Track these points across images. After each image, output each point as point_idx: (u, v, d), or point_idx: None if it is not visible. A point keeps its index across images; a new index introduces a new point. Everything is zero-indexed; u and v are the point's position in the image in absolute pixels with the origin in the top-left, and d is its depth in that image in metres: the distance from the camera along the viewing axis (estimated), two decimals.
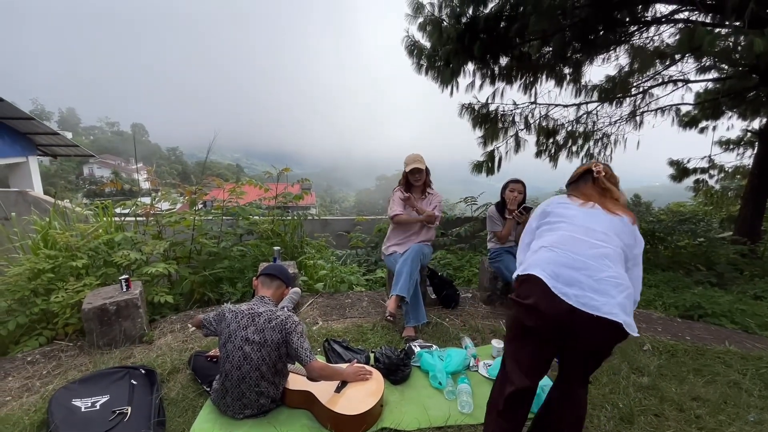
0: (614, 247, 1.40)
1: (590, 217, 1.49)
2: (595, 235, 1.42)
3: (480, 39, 5.11)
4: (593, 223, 1.46)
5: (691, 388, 2.22)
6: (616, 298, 1.28)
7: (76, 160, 34.88)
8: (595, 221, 1.47)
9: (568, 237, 1.45)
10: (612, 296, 1.29)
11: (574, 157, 6.37)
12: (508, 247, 3.23)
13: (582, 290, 1.30)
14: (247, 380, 1.82)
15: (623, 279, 1.34)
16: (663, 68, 5.86)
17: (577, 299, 1.28)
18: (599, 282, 1.31)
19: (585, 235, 1.43)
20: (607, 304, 1.27)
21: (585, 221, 1.47)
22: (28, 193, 5.37)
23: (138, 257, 3.06)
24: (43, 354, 2.56)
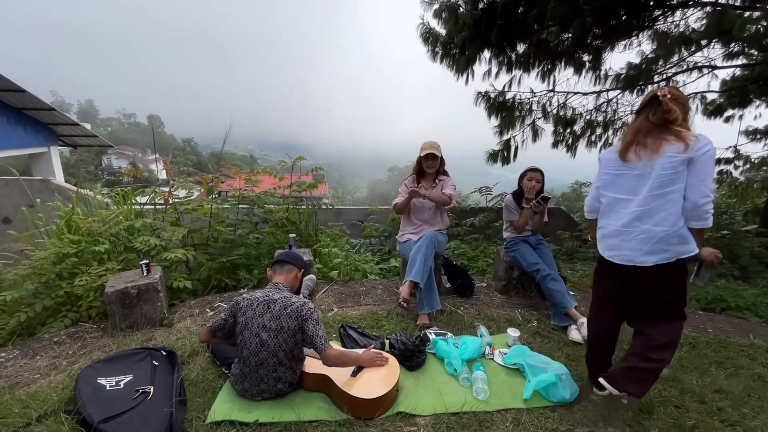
0: (643, 205, 1.69)
1: (617, 183, 1.80)
2: (623, 204, 1.77)
3: (497, 25, 5.01)
4: (620, 191, 1.78)
5: (713, 380, 2.17)
6: (642, 249, 1.67)
7: (95, 151, 35.66)
8: (621, 185, 1.78)
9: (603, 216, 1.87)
10: (639, 249, 1.68)
11: (592, 146, 6.22)
12: (524, 236, 3.19)
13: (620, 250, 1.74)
14: (264, 366, 1.85)
15: (652, 228, 1.66)
16: (688, 54, 5.63)
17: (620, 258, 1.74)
18: (630, 241, 1.71)
19: (616, 206, 1.80)
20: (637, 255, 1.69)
21: (614, 189, 1.81)
22: (51, 181, 5.52)
23: (157, 243, 3.13)
24: (68, 335, 2.65)
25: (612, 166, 1.81)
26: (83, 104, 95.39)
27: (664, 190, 1.63)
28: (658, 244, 1.64)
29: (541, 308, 3.06)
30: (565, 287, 2.84)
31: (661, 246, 1.64)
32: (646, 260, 1.66)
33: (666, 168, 1.62)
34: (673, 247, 1.63)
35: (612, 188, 1.81)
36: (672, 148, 1.61)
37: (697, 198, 1.59)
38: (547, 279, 2.84)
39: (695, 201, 1.59)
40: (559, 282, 2.83)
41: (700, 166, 1.58)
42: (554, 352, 2.42)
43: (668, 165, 1.61)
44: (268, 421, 1.78)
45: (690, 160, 1.59)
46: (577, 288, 3.66)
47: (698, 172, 1.59)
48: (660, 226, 1.64)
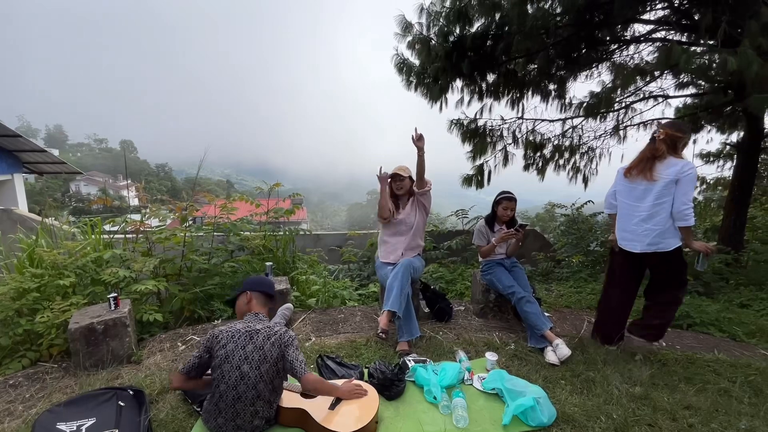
0: (646, 211, 2.47)
1: (627, 194, 2.60)
2: (633, 209, 2.55)
3: (468, 57, 5.26)
4: (630, 198, 2.58)
5: (682, 397, 2.24)
6: (645, 241, 2.49)
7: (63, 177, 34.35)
8: (629, 196, 2.58)
9: (619, 217, 2.68)
10: (643, 242, 2.50)
11: (561, 170, 6.49)
12: (498, 259, 3.26)
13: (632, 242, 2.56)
14: (243, 400, 1.77)
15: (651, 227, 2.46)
16: (644, 84, 6.06)
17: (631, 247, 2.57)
18: (638, 236, 2.53)
19: (628, 210, 2.59)
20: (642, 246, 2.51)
21: (624, 198, 2.62)
22: (13, 211, 5.27)
23: (127, 275, 3.01)
24: (26, 376, 2.48)
25: (623, 180, 2.62)
26: (51, 129, 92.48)
27: (661, 200, 2.41)
28: (656, 238, 2.45)
29: (518, 330, 3.11)
30: (540, 309, 2.91)
31: (657, 239, 2.44)
32: (648, 249, 2.48)
33: (662, 185, 2.39)
34: (665, 240, 2.43)
35: (626, 197, 2.60)
36: (666, 171, 2.38)
37: (679, 205, 2.35)
38: (522, 301, 2.89)
39: (678, 207, 2.36)
40: (534, 304, 2.89)
41: (683, 184, 2.35)
42: (532, 375, 2.44)
43: (663, 183, 2.39)
44: None
45: (678, 180, 2.35)
46: (553, 309, 3.74)
47: (682, 187, 2.35)
48: (657, 225, 2.43)
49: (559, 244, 6.12)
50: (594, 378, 2.40)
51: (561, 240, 6.07)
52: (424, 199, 3.17)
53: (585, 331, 3.17)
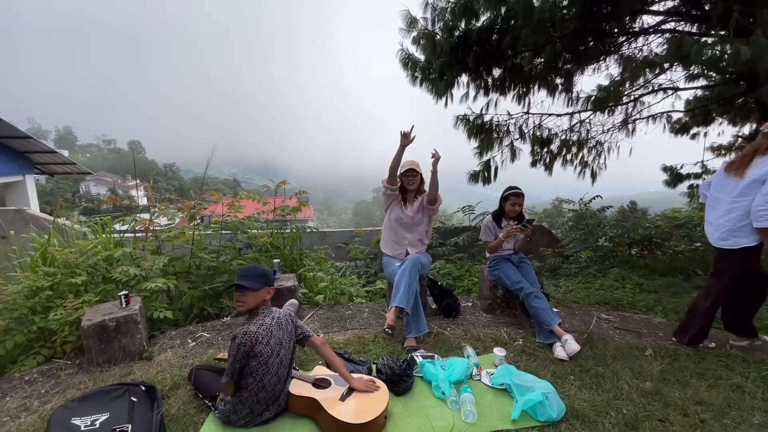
0: (726, 206, 2.50)
1: (719, 187, 2.60)
2: (718, 202, 2.58)
3: (473, 51, 5.22)
4: (720, 192, 2.58)
5: (694, 392, 2.22)
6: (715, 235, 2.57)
7: (73, 177, 34.83)
8: (721, 189, 2.58)
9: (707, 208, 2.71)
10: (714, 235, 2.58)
11: (568, 165, 6.44)
12: (506, 255, 3.25)
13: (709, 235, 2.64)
14: (281, 381, 1.96)
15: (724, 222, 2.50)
16: (653, 77, 5.97)
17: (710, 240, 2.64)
18: (715, 229, 2.58)
19: (714, 203, 2.62)
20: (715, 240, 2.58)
21: (715, 190, 2.63)
22: (25, 211, 5.36)
23: (137, 273, 3.05)
24: (41, 373, 2.53)
25: (721, 173, 2.60)
26: (61, 131, 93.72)
27: (742, 198, 2.40)
28: (725, 233, 2.49)
29: (527, 326, 3.09)
30: (549, 304, 2.89)
31: (727, 235, 2.49)
32: (717, 244, 2.56)
33: (746, 183, 2.39)
34: (734, 237, 2.46)
35: (718, 189, 2.61)
36: (756, 170, 2.36)
37: (756, 204, 2.32)
38: (530, 297, 2.88)
39: (755, 206, 2.32)
40: (542, 299, 2.87)
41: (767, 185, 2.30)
42: (540, 371, 2.43)
43: (748, 181, 2.38)
44: None
45: (765, 180, 2.30)
46: (561, 304, 3.71)
47: (766, 187, 2.29)
48: (730, 222, 2.46)
49: (567, 239, 6.07)
50: (603, 373, 2.38)
51: (569, 235, 6.02)
52: (432, 212, 3.18)
53: (594, 327, 3.14)
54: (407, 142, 2.91)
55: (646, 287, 4.29)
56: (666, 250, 5.32)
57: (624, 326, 3.22)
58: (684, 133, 6.72)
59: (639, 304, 3.78)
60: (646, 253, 5.35)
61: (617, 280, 4.46)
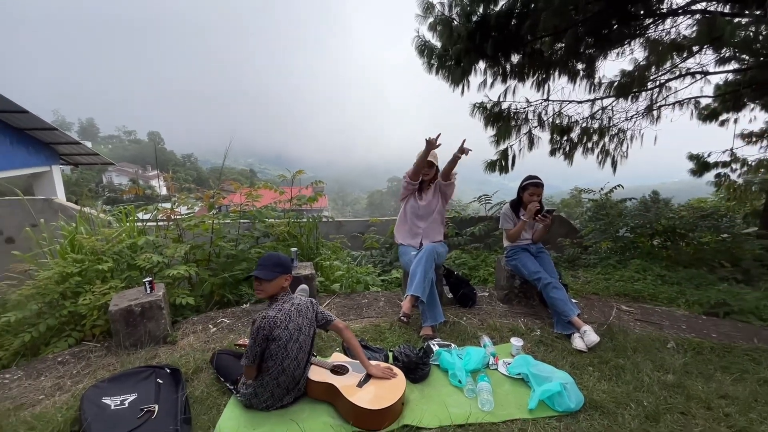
0: None
1: None
2: None
3: (491, 37, 5.09)
4: None
5: (718, 386, 2.17)
6: None
7: (95, 168, 35.86)
8: None
9: None
10: None
11: (589, 153, 6.27)
12: (524, 245, 3.21)
13: None
14: (300, 366, 2.00)
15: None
16: (680, 61, 5.72)
17: None
18: None
19: None
20: None
21: None
22: (53, 200, 5.55)
23: (160, 260, 3.14)
24: (72, 354, 2.65)
25: None
26: (84, 122, 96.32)
27: None
28: None
29: (544, 317, 3.06)
30: (567, 295, 2.85)
31: None
32: None
33: None
34: None
35: None
36: None
37: None
38: (548, 287, 2.84)
39: None
40: (561, 290, 2.83)
41: None
42: (558, 361, 2.41)
43: None
44: None
45: None
46: (579, 295, 3.66)
47: None
48: None
49: (586, 230, 5.95)
50: (624, 365, 2.35)
51: (588, 226, 5.90)
52: (447, 188, 3.14)
53: (614, 318, 3.09)
54: (432, 148, 2.92)
55: (668, 279, 4.18)
56: (690, 241, 5.16)
57: (645, 318, 3.16)
58: (712, 120, 6.44)
59: (661, 296, 3.69)
60: (669, 244, 5.20)
61: (638, 271, 4.36)
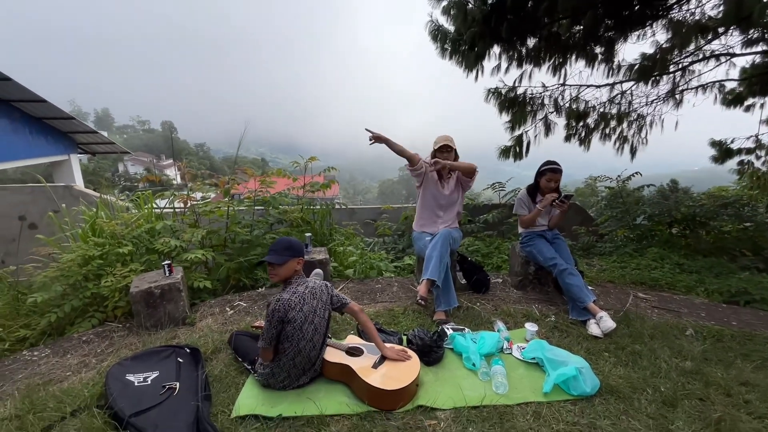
0: None
1: None
2: None
3: (507, 20, 4.96)
4: None
5: (739, 373, 2.13)
6: None
7: (111, 157, 36.53)
8: None
9: None
10: None
11: (606, 140, 6.12)
12: (540, 231, 3.17)
13: None
14: (316, 347, 2.03)
15: None
16: (705, 43, 5.49)
17: None
18: None
19: None
20: None
21: None
22: (73, 187, 5.68)
23: (177, 244, 3.20)
24: (96, 334, 2.74)
25: None
26: (99, 113, 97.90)
27: None
28: None
29: (559, 303, 3.04)
30: (583, 281, 2.82)
31: None
32: None
33: None
34: None
35: None
36: None
37: None
38: (564, 273, 2.82)
39: None
40: (577, 276, 2.81)
41: None
42: (573, 347, 2.40)
43: None
44: (291, 415, 1.82)
45: None
46: (594, 283, 3.62)
47: None
48: None
49: (602, 218, 5.85)
50: (640, 351, 2.33)
51: (604, 214, 5.80)
52: (468, 184, 3.19)
53: (631, 305, 3.05)
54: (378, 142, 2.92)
55: (686, 267, 4.10)
56: (711, 229, 5.04)
57: (663, 306, 3.11)
58: (737, 105, 6.19)
59: (679, 284, 3.62)
60: (688, 233, 5.09)
61: (655, 259, 4.28)
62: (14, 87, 6.35)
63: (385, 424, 1.76)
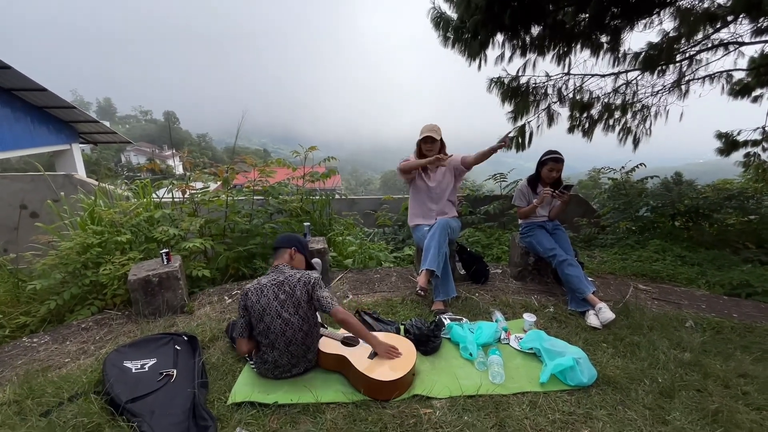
0: None
1: None
2: None
3: (511, 7, 4.88)
4: None
5: (738, 365, 2.12)
6: None
7: (114, 148, 36.55)
8: None
9: None
10: None
11: (610, 131, 6.04)
12: (540, 221, 3.14)
13: None
14: (294, 342, 1.94)
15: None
16: (713, 31, 5.38)
17: None
18: None
19: None
20: None
21: None
22: (73, 176, 5.68)
23: (176, 233, 3.20)
24: (95, 321, 2.75)
25: None
26: (102, 102, 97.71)
27: None
28: None
29: (558, 294, 3.03)
30: (583, 272, 2.80)
31: None
32: None
33: None
34: None
35: None
36: None
37: None
38: (563, 264, 2.80)
39: None
40: (577, 267, 2.78)
41: None
42: (571, 337, 2.39)
43: None
44: (286, 402, 1.83)
45: None
46: (595, 275, 3.60)
47: None
48: None
49: (605, 210, 5.81)
50: (639, 342, 2.31)
51: (607, 205, 5.75)
52: (462, 173, 3.14)
53: (631, 297, 3.03)
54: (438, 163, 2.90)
55: (688, 260, 4.07)
56: (714, 222, 4.99)
57: (663, 297, 3.10)
58: (744, 95, 6.09)
59: (680, 276, 3.60)
60: (691, 225, 5.04)
61: (657, 251, 4.25)
62: (14, 75, 6.33)
63: (380, 411, 1.76)
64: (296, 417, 1.75)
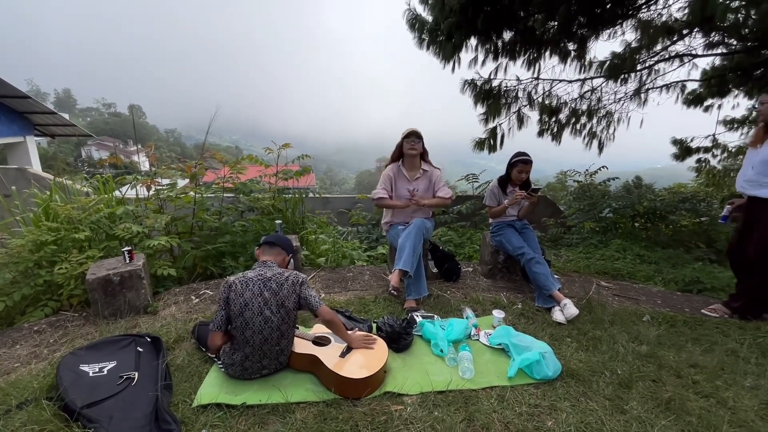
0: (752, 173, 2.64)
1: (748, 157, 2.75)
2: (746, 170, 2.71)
3: (484, 11, 4.99)
4: (747, 161, 2.73)
5: (689, 356, 2.25)
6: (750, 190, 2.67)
7: (74, 141, 34.54)
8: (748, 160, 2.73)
9: None
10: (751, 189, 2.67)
11: (577, 135, 6.31)
12: (510, 221, 3.23)
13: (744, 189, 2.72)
14: (269, 341, 1.89)
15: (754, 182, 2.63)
16: (670, 43, 5.73)
17: None
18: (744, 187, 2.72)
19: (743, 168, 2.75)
20: None
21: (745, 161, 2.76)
22: (27, 170, 5.34)
23: (140, 230, 3.06)
24: (49, 324, 2.59)
25: None
26: (60, 93, 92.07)
27: None
28: None
29: (526, 291, 3.12)
30: (549, 270, 2.90)
31: None
32: None
33: None
34: None
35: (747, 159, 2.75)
36: None
37: None
38: (531, 262, 2.88)
39: None
40: (543, 265, 2.88)
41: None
42: (538, 333, 2.47)
43: None
44: (255, 403, 1.78)
45: None
46: (561, 273, 3.73)
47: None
48: None
49: (571, 210, 6.04)
50: (600, 336, 2.42)
51: (573, 206, 5.99)
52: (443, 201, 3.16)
53: (593, 293, 3.17)
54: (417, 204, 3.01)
55: (646, 258, 4.30)
56: (669, 223, 5.30)
57: (623, 294, 3.25)
58: (697, 105, 6.52)
59: (639, 274, 3.80)
60: (650, 226, 5.33)
61: (618, 251, 4.47)
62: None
63: (351, 410, 1.76)
64: (265, 418, 1.72)
